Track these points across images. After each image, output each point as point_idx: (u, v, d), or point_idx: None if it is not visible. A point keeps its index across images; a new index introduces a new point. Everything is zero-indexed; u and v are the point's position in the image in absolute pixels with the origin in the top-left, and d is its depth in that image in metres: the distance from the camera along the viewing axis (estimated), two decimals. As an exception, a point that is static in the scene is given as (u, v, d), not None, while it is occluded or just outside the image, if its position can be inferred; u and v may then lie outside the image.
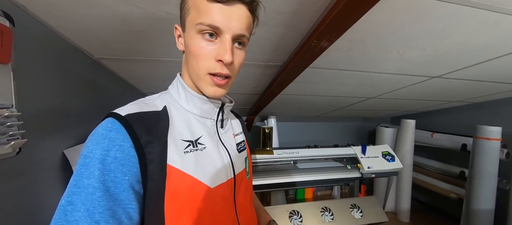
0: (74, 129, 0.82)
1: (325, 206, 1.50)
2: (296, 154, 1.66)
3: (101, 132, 0.34)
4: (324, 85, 1.46)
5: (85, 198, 0.31)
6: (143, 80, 1.29)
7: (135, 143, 0.35)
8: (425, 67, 1.15)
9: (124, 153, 0.34)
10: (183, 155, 0.39)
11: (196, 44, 0.38)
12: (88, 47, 0.85)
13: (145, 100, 0.43)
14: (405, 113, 2.70)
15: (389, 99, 1.89)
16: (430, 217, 2.35)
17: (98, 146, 0.33)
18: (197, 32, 0.37)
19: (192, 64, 0.40)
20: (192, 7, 0.37)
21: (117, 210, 0.33)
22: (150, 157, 0.36)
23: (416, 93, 1.66)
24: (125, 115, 0.36)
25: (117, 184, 0.33)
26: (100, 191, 0.31)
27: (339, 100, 1.91)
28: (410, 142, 2.24)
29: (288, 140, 2.86)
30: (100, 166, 0.32)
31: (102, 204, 0.31)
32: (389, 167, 1.70)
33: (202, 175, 0.40)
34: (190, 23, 0.38)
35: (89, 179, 0.31)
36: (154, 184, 0.36)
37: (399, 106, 2.25)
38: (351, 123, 3.12)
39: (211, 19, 0.35)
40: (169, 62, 1.01)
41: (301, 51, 0.82)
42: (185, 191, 0.38)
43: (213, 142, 0.45)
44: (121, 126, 0.35)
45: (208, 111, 0.46)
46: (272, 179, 1.48)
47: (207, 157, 0.43)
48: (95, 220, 0.31)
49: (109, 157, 0.33)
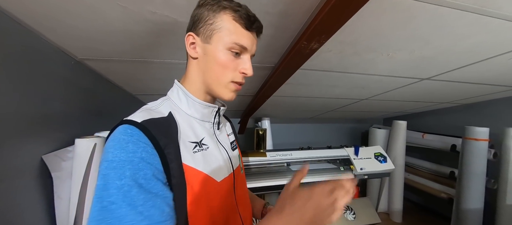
0: (55, 133, 0.78)
1: (318, 209, 1.50)
2: (289, 156, 1.65)
3: (122, 138, 0.37)
4: (316, 87, 1.46)
5: (124, 196, 0.34)
6: (131, 82, 1.25)
7: (156, 145, 0.39)
8: (414, 69, 1.16)
9: (148, 153, 0.37)
10: (193, 155, 0.44)
11: (225, 58, 0.45)
12: (70, 47, 0.81)
13: (150, 108, 0.46)
14: (397, 114, 2.74)
15: (381, 101, 1.91)
16: (422, 217, 2.38)
17: (123, 151, 0.36)
18: (227, 48, 0.44)
19: (217, 72, 0.46)
20: (226, 27, 0.44)
21: (156, 201, 0.36)
22: (170, 157, 0.40)
23: (406, 95, 1.68)
24: (141, 121, 0.40)
25: (148, 180, 0.36)
26: (135, 188, 0.35)
27: (332, 102, 1.91)
28: (402, 143, 2.27)
29: (282, 141, 2.85)
30: (130, 166, 0.35)
31: (141, 197, 0.35)
32: (381, 168, 1.71)
33: (210, 171, 0.46)
34: (220, 38, 0.44)
35: (121, 179, 0.34)
36: (177, 181, 0.40)
37: (391, 107, 2.28)
38: (344, 125, 3.14)
39: (243, 42, 0.45)
40: (156, 63, 0.98)
41: (291, 52, 0.81)
42: (199, 185, 0.43)
43: (213, 142, 0.51)
44: (140, 131, 0.38)
45: (207, 115, 0.51)
46: (265, 182, 1.47)
47: (211, 155, 0.48)
48: (138, 211, 0.34)
49: (136, 158, 0.36)
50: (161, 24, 0.68)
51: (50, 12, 0.61)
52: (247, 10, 0.45)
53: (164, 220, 0.36)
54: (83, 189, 0.78)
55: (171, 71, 1.10)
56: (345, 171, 1.68)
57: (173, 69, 1.07)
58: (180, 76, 0.52)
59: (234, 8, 0.44)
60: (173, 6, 0.61)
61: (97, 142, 0.82)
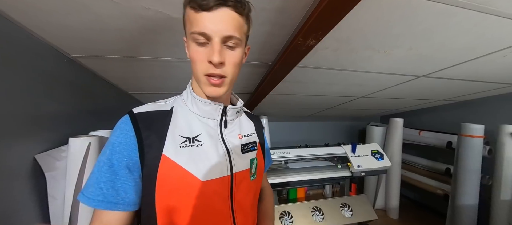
0: (48, 132, 0.77)
1: (316, 206, 1.50)
2: (287, 154, 1.65)
3: (118, 124, 0.44)
4: (313, 85, 1.45)
5: (98, 170, 0.41)
6: (126, 80, 1.24)
7: (137, 133, 0.43)
8: (411, 66, 1.17)
9: (127, 138, 0.42)
10: (177, 149, 0.45)
11: (192, 50, 0.43)
12: (62, 45, 0.80)
13: (160, 101, 0.51)
14: (394, 111, 2.76)
15: (377, 99, 1.91)
16: (418, 213, 2.41)
17: (113, 134, 0.43)
18: (192, 41, 0.42)
19: (192, 69, 0.46)
20: (187, 20, 0.43)
21: (117, 183, 0.41)
22: (147, 148, 0.43)
23: (403, 92, 1.69)
24: (136, 112, 0.45)
25: (119, 162, 0.41)
26: (106, 166, 0.41)
27: (329, 100, 1.92)
28: (399, 140, 2.29)
29: (279, 139, 2.85)
30: (111, 148, 0.42)
31: (107, 175, 0.41)
32: (378, 165, 1.72)
33: (194, 169, 0.45)
34: (187, 34, 0.44)
35: (103, 155, 0.42)
36: (149, 169, 0.43)
37: (388, 105, 2.29)
38: (342, 122, 3.15)
39: (199, 27, 0.40)
40: (152, 61, 0.97)
41: (288, 50, 0.81)
42: (174, 179, 0.43)
43: (212, 140, 0.49)
44: (129, 120, 0.44)
45: (210, 112, 0.50)
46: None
47: (202, 153, 0.46)
48: (100, 186, 0.40)
49: (117, 142, 0.42)
50: (155, 20, 0.67)
51: (41, 9, 0.59)
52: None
53: (116, 202, 0.41)
54: (77, 189, 0.77)
55: (168, 70, 1.09)
56: (342, 168, 1.69)
57: (169, 67, 1.06)
58: (177, 75, 0.54)
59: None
60: (166, 2, 0.60)
61: (92, 141, 0.81)
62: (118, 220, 0.41)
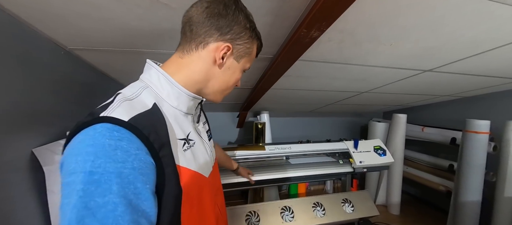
0: (46, 126, 0.76)
1: (317, 201, 1.49)
2: (288, 149, 1.64)
3: (107, 142, 0.30)
4: (316, 80, 1.43)
5: (104, 217, 0.27)
6: (125, 74, 1.22)
7: (150, 149, 0.33)
8: (417, 60, 1.13)
9: (141, 161, 0.32)
10: (183, 153, 0.41)
11: (236, 75, 0.50)
12: (58, 36, 0.78)
13: (128, 97, 0.38)
14: (397, 107, 2.72)
15: (381, 94, 1.88)
16: (420, 210, 2.40)
17: (109, 160, 0.29)
18: (242, 68, 0.50)
19: (227, 84, 0.49)
20: (252, 55, 0.50)
21: (140, 220, 0.31)
22: (165, 160, 0.36)
23: (408, 87, 1.66)
24: (128, 119, 0.33)
25: (138, 195, 0.31)
26: (122, 206, 0.29)
27: (332, 95, 1.89)
28: (401, 136, 2.26)
29: (281, 135, 2.84)
30: (118, 180, 0.29)
31: (126, 218, 0.29)
32: (380, 161, 1.70)
33: (199, 168, 0.44)
34: (245, 62, 0.49)
35: (106, 195, 0.28)
36: (172, 187, 0.36)
37: (391, 101, 2.26)
38: (344, 118, 3.13)
39: (251, 64, 0.52)
40: (151, 54, 0.95)
41: (290, 41, 0.78)
42: (193, 185, 0.41)
43: (197, 136, 0.48)
44: (130, 133, 0.32)
45: (192, 108, 0.47)
46: (264, 175, 1.46)
47: (198, 152, 0.46)
48: None
49: (126, 169, 0.30)
50: (153, 10, 0.65)
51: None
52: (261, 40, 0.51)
53: None
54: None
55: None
56: (344, 164, 1.67)
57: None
58: None
59: (260, 40, 0.50)
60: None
61: (90, 135, 0.79)
62: None
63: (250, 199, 2.54)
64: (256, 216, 1.33)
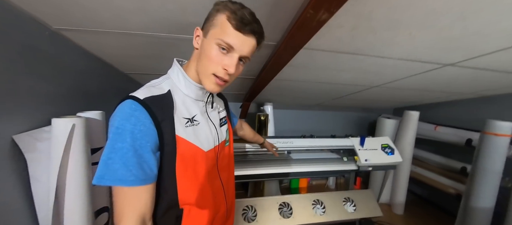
0: (29, 111, 0.71)
1: (317, 199, 1.44)
2: (290, 143, 1.57)
3: (127, 111, 0.46)
4: (322, 72, 1.32)
5: (121, 155, 0.45)
6: (120, 59, 1.16)
7: (154, 120, 0.48)
8: (438, 53, 1.01)
9: (146, 126, 0.47)
10: (185, 128, 0.54)
11: (212, 51, 0.51)
12: (40, 14, 0.71)
13: (152, 84, 0.55)
14: (410, 103, 2.57)
15: (393, 90, 1.75)
16: (425, 211, 2.32)
17: (127, 121, 0.46)
18: (216, 44, 0.50)
19: (204, 63, 0.53)
20: (218, 24, 0.49)
21: (143, 164, 0.47)
22: (165, 129, 0.50)
23: (424, 83, 1.53)
24: (143, 98, 0.48)
25: (142, 147, 0.46)
26: (131, 151, 0.45)
27: (339, 88, 1.78)
28: (412, 135, 2.14)
29: (284, 128, 2.76)
30: (131, 135, 0.45)
31: (133, 160, 0.45)
32: (387, 160, 1.61)
33: (199, 143, 0.56)
34: (213, 34, 0.50)
35: (123, 142, 0.45)
36: (169, 148, 0.51)
37: (404, 97, 2.12)
38: (351, 113, 3.00)
39: (230, 40, 0.49)
40: (142, 36, 0.88)
41: (295, 25, 0.69)
42: (189, 153, 0.54)
43: (204, 119, 0.60)
44: (142, 107, 0.47)
45: (201, 95, 0.60)
46: (264, 169, 1.40)
47: (201, 130, 0.58)
48: (129, 169, 0.45)
49: (136, 129, 0.46)
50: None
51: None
52: (245, 13, 0.49)
53: (145, 179, 0.47)
54: (62, 172, 0.72)
55: (167, 48, 1.00)
56: (348, 161, 1.60)
57: (167, 46, 0.97)
58: (174, 54, 0.62)
59: (232, 9, 0.48)
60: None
61: (76, 123, 0.75)
62: (146, 191, 0.48)
63: (250, 191, 2.53)
64: (253, 210, 1.30)
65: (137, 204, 0.47)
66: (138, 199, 0.47)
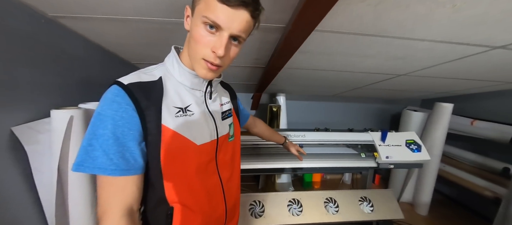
0: (27, 103, 0.70)
1: (330, 197, 1.34)
2: (302, 137, 1.46)
3: (110, 96, 0.44)
4: (340, 58, 1.18)
5: (102, 142, 0.42)
6: (123, 47, 1.12)
7: (137, 107, 0.45)
8: (487, 32, 0.82)
9: (128, 113, 0.44)
10: (174, 118, 0.49)
11: (198, 32, 0.45)
12: (34, 2, 0.68)
13: (145, 71, 0.52)
14: (442, 94, 2.28)
15: (424, 78, 1.53)
16: (453, 212, 2.10)
17: (109, 107, 0.43)
18: (201, 22, 0.44)
19: (192, 46, 0.48)
20: (203, 0, 0.43)
21: (125, 153, 0.44)
22: (149, 118, 0.46)
23: (465, 70, 1.30)
24: (127, 84, 0.45)
25: (124, 135, 0.43)
26: (111, 139, 0.42)
27: (360, 77, 1.60)
28: (443, 130, 1.90)
29: (298, 120, 2.64)
30: (112, 121, 0.42)
31: (114, 148, 0.42)
32: (412, 158, 1.44)
33: (189, 135, 0.51)
34: (198, 11, 0.44)
35: (104, 129, 0.42)
36: (152, 138, 0.47)
37: (436, 86, 1.86)
38: (372, 104, 2.77)
39: (215, 16, 0.42)
40: (138, 21, 0.82)
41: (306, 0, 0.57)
42: (175, 145, 0.49)
43: (200, 109, 0.55)
44: (125, 93, 0.44)
45: (198, 84, 0.55)
46: (273, 163, 1.33)
47: (194, 122, 0.53)
48: (109, 157, 0.42)
49: (117, 116, 0.43)
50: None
51: None
52: None
53: (128, 168, 0.44)
54: (62, 164, 0.72)
55: (170, 35, 0.93)
56: (366, 158, 1.46)
57: (169, 32, 0.90)
58: (178, 41, 0.57)
59: None
60: None
61: (75, 114, 0.73)
62: (131, 182, 0.45)
63: (262, 183, 2.50)
64: (261, 206, 1.24)
65: (122, 195, 0.43)
66: (123, 190, 0.44)
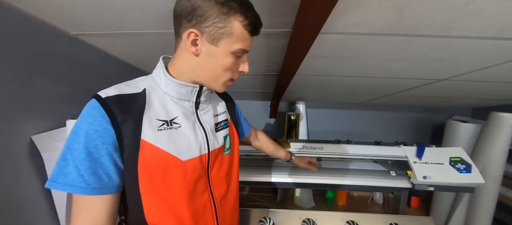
0: (46, 114, 0.77)
1: (352, 220, 1.17)
2: (320, 150, 1.34)
3: (87, 109, 0.43)
4: (363, 62, 1.04)
5: (75, 157, 0.41)
6: (141, 59, 1.19)
7: (112, 120, 0.43)
8: None
9: (102, 127, 0.42)
10: (156, 132, 0.47)
11: (228, 61, 0.48)
12: (57, 22, 0.75)
13: (130, 83, 0.50)
14: (499, 102, 1.87)
15: (472, 83, 1.27)
16: (524, 252, 1.65)
17: (84, 120, 0.42)
18: (231, 54, 0.48)
19: (217, 73, 0.50)
20: (235, 34, 0.46)
21: (98, 170, 0.42)
22: (126, 132, 0.44)
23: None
24: (104, 97, 0.44)
25: (97, 150, 0.42)
26: (84, 153, 0.41)
27: (389, 83, 1.41)
28: (503, 146, 1.54)
29: (321, 129, 2.47)
30: (85, 135, 0.41)
31: (86, 163, 0.41)
32: (459, 180, 1.18)
33: (173, 149, 0.49)
34: (228, 44, 0.46)
35: (78, 143, 0.41)
36: (129, 154, 0.45)
37: (489, 92, 1.53)
38: (405, 114, 2.43)
39: (246, 46, 0.49)
40: (146, 34, 0.84)
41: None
42: (156, 161, 0.47)
43: (189, 121, 0.53)
44: (100, 106, 0.43)
45: (185, 94, 0.53)
46: (287, 177, 1.23)
47: (181, 135, 0.51)
48: (80, 174, 0.40)
49: (91, 129, 0.42)
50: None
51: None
52: (255, 14, 0.46)
53: (100, 187, 0.42)
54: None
55: (168, 42, 0.96)
56: (398, 176, 1.25)
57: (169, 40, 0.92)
58: None
59: (244, 13, 0.45)
60: None
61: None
62: (100, 202, 0.43)
63: (280, 195, 2.37)
64: (271, 223, 1.15)
65: (89, 215, 0.41)
66: (90, 210, 0.42)
